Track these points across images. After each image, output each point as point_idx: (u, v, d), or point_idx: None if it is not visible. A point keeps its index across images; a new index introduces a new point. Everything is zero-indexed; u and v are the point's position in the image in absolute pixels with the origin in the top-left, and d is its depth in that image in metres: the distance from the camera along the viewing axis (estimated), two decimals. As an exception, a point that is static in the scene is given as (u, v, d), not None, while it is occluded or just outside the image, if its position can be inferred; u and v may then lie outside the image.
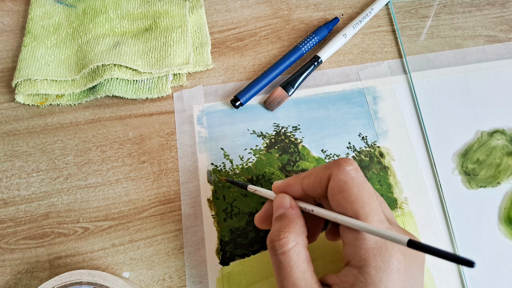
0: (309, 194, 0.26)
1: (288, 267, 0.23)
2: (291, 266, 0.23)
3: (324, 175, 0.25)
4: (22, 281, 0.31)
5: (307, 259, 0.24)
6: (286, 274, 0.23)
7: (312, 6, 0.43)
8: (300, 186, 0.26)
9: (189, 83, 0.39)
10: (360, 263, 0.22)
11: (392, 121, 0.37)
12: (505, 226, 0.33)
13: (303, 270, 0.23)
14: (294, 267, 0.23)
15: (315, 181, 0.25)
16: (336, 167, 0.25)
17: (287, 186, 0.27)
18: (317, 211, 0.25)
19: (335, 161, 0.25)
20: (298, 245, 0.24)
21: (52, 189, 0.34)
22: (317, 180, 0.25)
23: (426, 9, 0.43)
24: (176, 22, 0.39)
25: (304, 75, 0.37)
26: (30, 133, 0.36)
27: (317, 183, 0.25)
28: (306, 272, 0.23)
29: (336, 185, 0.24)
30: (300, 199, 0.27)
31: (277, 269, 0.24)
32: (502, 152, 0.36)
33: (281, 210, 0.26)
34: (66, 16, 0.41)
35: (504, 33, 0.41)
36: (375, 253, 0.22)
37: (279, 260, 0.24)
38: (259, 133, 0.36)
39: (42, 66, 0.37)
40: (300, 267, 0.23)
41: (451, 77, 0.39)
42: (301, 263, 0.23)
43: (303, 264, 0.23)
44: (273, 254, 0.24)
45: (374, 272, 0.22)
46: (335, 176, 0.24)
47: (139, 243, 0.32)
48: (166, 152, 0.36)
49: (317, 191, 0.26)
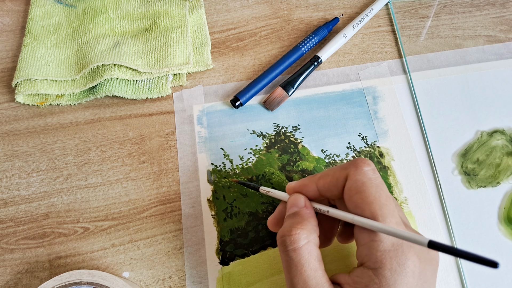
0: (324, 194, 0.26)
1: (299, 264, 0.23)
2: (302, 263, 0.23)
3: (341, 175, 0.25)
4: (22, 281, 0.31)
5: (319, 257, 0.24)
6: (296, 271, 0.23)
7: (312, 6, 0.43)
8: (315, 186, 0.26)
9: (189, 83, 0.39)
10: (376, 264, 0.22)
11: (392, 121, 0.37)
12: (505, 226, 0.33)
13: (315, 269, 0.23)
14: (306, 265, 0.23)
15: (332, 181, 0.25)
16: (354, 167, 0.24)
17: (301, 186, 0.27)
18: (333, 212, 0.25)
19: (352, 161, 0.25)
20: (310, 243, 0.24)
21: (52, 189, 0.34)
22: (334, 180, 0.25)
23: (426, 9, 0.43)
24: (176, 22, 0.39)
25: (304, 75, 0.37)
26: (30, 133, 0.36)
27: (333, 183, 0.25)
28: (317, 271, 0.23)
29: (354, 185, 0.24)
30: (314, 200, 0.27)
31: (287, 266, 0.24)
32: (502, 152, 0.36)
33: (295, 208, 0.26)
34: (66, 16, 0.41)
35: (504, 33, 0.41)
36: (391, 255, 0.22)
37: (290, 256, 0.23)
38: (259, 133, 0.36)
39: (42, 66, 0.37)
40: (311, 265, 0.23)
41: (451, 77, 0.39)
42: (313, 261, 0.23)
43: (314, 263, 0.23)
44: (284, 250, 0.24)
45: (390, 275, 0.22)
46: (353, 176, 0.24)
47: (139, 243, 0.32)
48: (166, 152, 0.36)
49: (333, 192, 0.25)
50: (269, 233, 0.33)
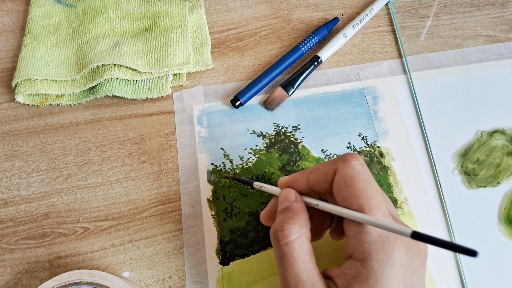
0: (314, 188, 0.26)
1: (290, 258, 0.23)
2: (294, 257, 0.23)
3: (330, 169, 0.25)
4: (22, 281, 0.31)
5: (310, 251, 0.24)
6: (288, 265, 0.23)
7: (312, 6, 0.43)
8: (306, 180, 0.27)
9: (189, 83, 0.39)
10: (363, 256, 0.23)
11: (392, 121, 0.37)
12: (505, 226, 0.33)
13: (306, 262, 0.23)
14: (297, 258, 0.23)
15: (321, 176, 0.26)
16: (342, 161, 0.25)
17: (293, 181, 0.27)
18: (322, 205, 0.25)
19: (341, 156, 0.25)
20: (301, 237, 0.24)
21: (52, 189, 0.34)
22: (323, 175, 0.25)
23: (426, 9, 0.43)
24: (176, 22, 0.39)
25: (304, 75, 0.37)
26: (30, 133, 0.36)
27: (323, 177, 0.25)
28: (309, 264, 0.23)
29: (342, 179, 0.24)
30: (306, 194, 0.27)
31: (280, 260, 0.24)
32: (502, 152, 0.36)
33: (286, 203, 0.26)
34: (66, 16, 0.41)
35: (504, 33, 0.41)
36: (378, 246, 0.22)
37: (282, 251, 0.24)
38: (259, 133, 0.36)
39: (42, 66, 0.37)
40: (302, 258, 0.23)
41: (451, 77, 0.39)
42: (304, 254, 0.24)
43: (305, 256, 0.24)
44: (276, 245, 0.24)
45: (376, 265, 0.22)
46: (341, 170, 0.24)
47: (139, 243, 0.32)
48: (166, 152, 0.36)
49: (323, 186, 0.26)
50: (269, 233, 0.33)
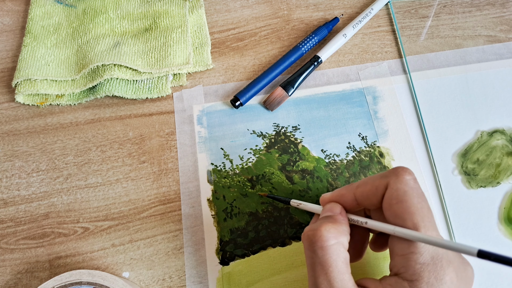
0: (362, 203, 0.25)
1: (325, 264, 0.22)
2: (329, 263, 0.22)
3: (380, 183, 0.24)
4: (22, 281, 0.31)
5: (346, 260, 0.23)
6: (322, 271, 0.22)
7: (312, 6, 0.43)
8: (353, 195, 0.25)
9: (189, 83, 0.39)
10: (413, 277, 0.22)
11: (392, 121, 0.37)
12: (505, 226, 0.33)
13: (342, 271, 0.22)
14: (333, 265, 0.22)
15: (371, 190, 0.24)
16: (395, 175, 0.24)
17: (338, 196, 0.26)
18: (371, 223, 0.24)
19: (393, 170, 0.24)
20: (339, 244, 0.23)
21: (52, 189, 0.34)
22: (373, 189, 0.24)
23: (426, 9, 0.43)
24: (176, 22, 0.39)
25: (304, 75, 0.37)
26: (30, 133, 0.36)
27: (372, 191, 0.24)
28: (345, 274, 0.22)
29: (395, 194, 0.23)
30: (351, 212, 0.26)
31: (312, 264, 0.23)
32: (502, 152, 0.36)
33: (329, 213, 0.25)
34: (66, 16, 0.41)
35: (504, 33, 0.41)
36: (429, 269, 0.22)
37: (316, 254, 0.23)
38: (259, 133, 0.36)
39: (42, 66, 0.37)
40: (338, 267, 0.22)
41: (451, 77, 0.39)
42: (340, 263, 0.22)
43: (341, 265, 0.22)
44: (309, 247, 0.23)
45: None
46: (394, 185, 0.23)
47: (139, 243, 0.32)
48: (166, 152, 0.36)
49: (372, 200, 0.24)
50: (269, 233, 0.33)
